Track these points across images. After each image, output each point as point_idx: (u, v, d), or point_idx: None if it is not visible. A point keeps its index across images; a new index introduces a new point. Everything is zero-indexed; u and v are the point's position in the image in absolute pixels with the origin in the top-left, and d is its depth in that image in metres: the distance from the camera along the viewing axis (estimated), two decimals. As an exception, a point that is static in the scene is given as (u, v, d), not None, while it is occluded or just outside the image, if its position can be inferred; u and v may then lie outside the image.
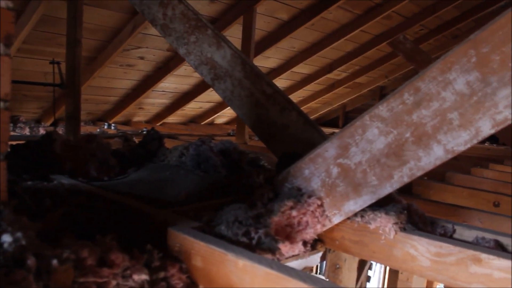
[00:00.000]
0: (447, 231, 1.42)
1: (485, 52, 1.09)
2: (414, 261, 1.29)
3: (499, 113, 1.09)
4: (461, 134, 1.14)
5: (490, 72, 1.09)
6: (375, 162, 1.27)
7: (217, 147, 2.13)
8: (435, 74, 1.16)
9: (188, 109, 5.51)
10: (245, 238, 1.19)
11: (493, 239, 1.35)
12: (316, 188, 1.40)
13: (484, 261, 1.17)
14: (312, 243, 1.41)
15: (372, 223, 1.33)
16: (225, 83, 2.02)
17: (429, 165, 1.19)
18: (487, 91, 1.10)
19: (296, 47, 5.26)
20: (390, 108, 1.23)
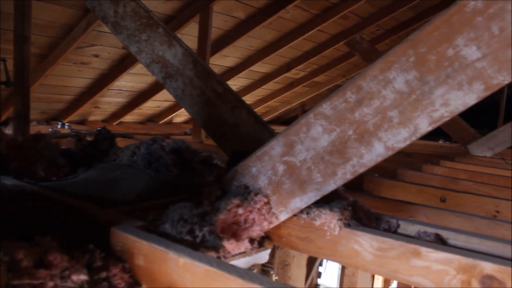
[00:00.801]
0: (391, 226, 1.45)
1: (423, 52, 1.12)
2: (358, 256, 1.31)
3: (435, 111, 1.12)
4: (400, 131, 1.17)
5: (427, 71, 1.12)
6: (320, 160, 1.29)
7: (169, 146, 2.12)
8: (376, 73, 1.19)
9: (146, 108, 5.45)
10: (189, 236, 1.19)
11: (434, 233, 1.39)
12: (263, 185, 1.41)
13: (423, 254, 1.21)
14: (259, 240, 1.42)
15: (317, 220, 1.35)
16: (176, 82, 2.01)
17: (371, 162, 1.22)
18: (424, 90, 1.13)
19: (254, 46, 5.27)
20: (333, 106, 1.25)
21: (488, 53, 1.06)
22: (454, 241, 1.39)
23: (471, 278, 1.15)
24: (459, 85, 1.09)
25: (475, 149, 5.09)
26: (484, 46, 1.06)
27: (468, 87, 1.09)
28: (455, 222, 1.69)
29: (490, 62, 1.06)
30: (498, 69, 1.05)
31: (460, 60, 1.08)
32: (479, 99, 1.09)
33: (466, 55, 1.08)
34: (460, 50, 1.08)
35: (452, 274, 1.17)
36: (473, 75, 1.08)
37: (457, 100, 1.10)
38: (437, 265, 1.19)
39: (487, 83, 1.07)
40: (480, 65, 1.07)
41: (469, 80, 1.08)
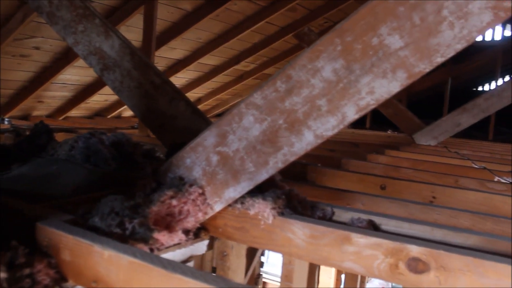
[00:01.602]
0: (326, 214, 1.47)
1: (349, 41, 1.14)
2: (291, 244, 1.33)
3: (362, 99, 1.14)
4: (329, 120, 1.19)
5: (354, 60, 1.14)
6: (252, 149, 1.29)
7: (109, 139, 2.07)
8: (305, 62, 1.20)
9: (93, 102, 5.33)
10: (118, 229, 1.17)
11: (367, 219, 1.42)
12: (197, 176, 1.40)
13: (354, 240, 1.23)
14: (195, 232, 1.41)
15: (251, 209, 1.36)
16: (114, 74, 1.98)
17: (301, 150, 1.23)
18: (351, 78, 1.15)
19: (202, 38, 5.23)
20: (264, 95, 1.26)
21: (410, 42, 1.08)
22: (386, 227, 1.43)
23: (398, 261, 1.18)
24: (384, 73, 1.11)
25: (420, 138, 5.23)
26: (406, 35, 1.08)
27: (392, 75, 1.11)
28: (391, 208, 1.73)
29: (412, 51, 1.08)
30: (420, 58, 1.08)
31: (384, 49, 1.11)
32: (402, 87, 1.12)
33: (390, 44, 1.10)
34: (384, 39, 1.10)
35: (380, 258, 1.20)
36: (397, 63, 1.10)
37: (382, 88, 1.12)
38: (366, 250, 1.22)
39: (410, 71, 1.10)
40: (403, 54, 1.09)
41: (392, 68, 1.11)
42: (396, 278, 1.19)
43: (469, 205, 2.03)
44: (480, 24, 1.03)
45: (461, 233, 1.34)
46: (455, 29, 1.04)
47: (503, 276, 1.07)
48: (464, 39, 1.04)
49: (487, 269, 1.09)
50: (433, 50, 1.07)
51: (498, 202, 2.02)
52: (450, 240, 1.36)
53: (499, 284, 1.08)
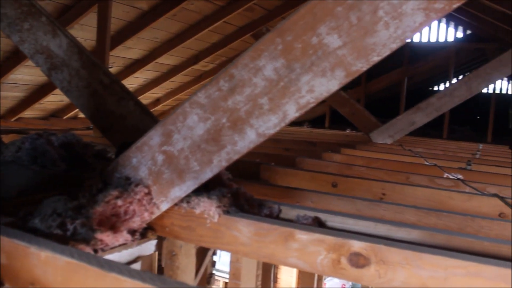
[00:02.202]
0: (273, 211, 1.49)
1: (289, 40, 1.16)
2: (237, 242, 1.33)
3: (302, 97, 1.16)
4: (270, 118, 1.20)
5: (294, 59, 1.16)
6: (196, 148, 1.29)
7: (58, 140, 2.04)
8: (247, 61, 1.21)
9: (48, 102, 5.21)
10: (59, 230, 1.15)
11: (313, 216, 1.44)
12: (144, 176, 1.39)
13: (297, 236, 1.25)
14: (142, 232, 1.40)
15: (197, 208, 1.36)
16: (62, 73, 1.94)
17: (244, 149, 1.24)
18: (291, 77, 1.16)
19: (159, 38, 5.19)
20: (208, 94, 1.26)
21: (348, 41, 1.10)
22: (331, 223, 1.45)
23: (340, 257, 1.20)
24: (323, 72, 1.13)
25: (377, 137, 5.34)
26: (344, 35, 1.10)
27: (331, 74, 1.13)
28: (339, 205, 1.76)
29: (350, 50, 1.11)
30: (357, 57, 1.11)
31: (323, 48, 1.13)
32: (340, 85, 1.14)
33: (329, 43, 1.12)
34: (323, 38, 1.12)
35: (323, 254, 1.22)
36: (335, 62, 1.12)
37: (322, 86, 1.14)
38: (310, 246, 1.23)
39: (348, 70, 1.12)
40: (341, 53, 1.12)
41: (331, 67, 1.13)
42: (338, 273, 1.21)
43: (417, 201, 2.09)
44: (413, 25, 1.06)
45: (403, 228, 1.38)
46: (390, 29, 1.07)
47: (438, 267, 1.11)
48: (398, 39, 1.07)
49: (424, 261, 1.13)
50: (369, 49, 1.09)
51: (444, 197, 2.09)
52: (393, 234, 1.39)
53: (435, 275, 1.11)
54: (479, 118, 8.75)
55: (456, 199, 2.07)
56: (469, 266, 1.09)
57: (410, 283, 1.14)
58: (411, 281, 1.14)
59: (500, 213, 1.98)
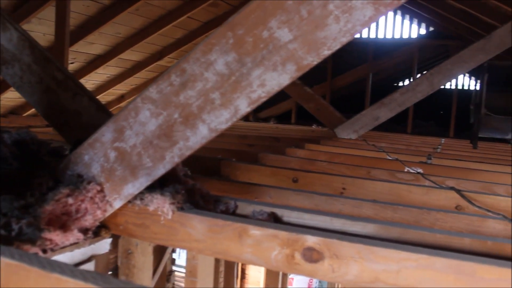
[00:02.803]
0: (229, 207, 1.47)
1: (241, 34, 1.14)
2: (192, 238, 1.32)
3: (253, 92, 1.15)
4: (222, 113, 1.19)
5: (245, 53, 1.15)
6: (149, 144, 1.27)
7: (11, 138, 1.98)
8: (199, 55, 1.19)
9: (6, 99, 5.07)
10: (3, 231, 1.11)
11: (269, 211, 1.43)
12: (96, 173, 1.36)
13: (251, 232, 1.24)
14: (95, 230, 1.37)
15: (150, 205, 1.34)
16: (13, 69, 1.88)
17: (196, 144, 1.23)
18: (243, 71, 1.15)
19: (122, 33, 5.11)
20: (159, 89, 1.24)
21: (299, 35, 1.10)
22: (288, 218, 1.45)
23: (294, 252, 1.20)
24: (274, 66, 1.13)
25: (342, 132, 5.37)
26: (295, 29, 1.10)
27: (282, 68, 1.12)
28: (297, 200, 1.76)
29: (300, 44, 1.10)
30: (308, 51, 1.10)
31: (274, 42, 1.12)
32: (292, 79, 1.13)
33: (280, 37, 1.11)
34: (274, 32, 1.12)
35: (277, 249, 1.21)
36: (286, 56, 1.12)
37: (273, 80, 1.13)
38: (263, 241, 1.23)
39: (299, 64, 1.12)
40: (292, 47, 1.11)
41: (282, 61, 1.12)
42: (292, 268, 1.21)
43: (377, 195, 2.10)
44: (363, 18, 1.06)
45: (358, 222, 1.38)
46: (341, 22, 1.07)
47: (390, 260, 1.12)
48: (349, 33, 1.07)
49: (376, 255, 1.13)
50: (320, 43, 1.09)
51: (403, 191, 2.11)
52: (349, 229, 1.40)
53: (387, 268, 1.12)
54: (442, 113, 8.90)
55: (414, 192, 2.10)
56: (420, 258, 1.10)
57: (363, 276, 1.15)
58: (364, 275, 1.14)
59: (457, 206, 2.01)
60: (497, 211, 1.92)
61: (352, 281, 1.16)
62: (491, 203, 2.01)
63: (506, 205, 2.02)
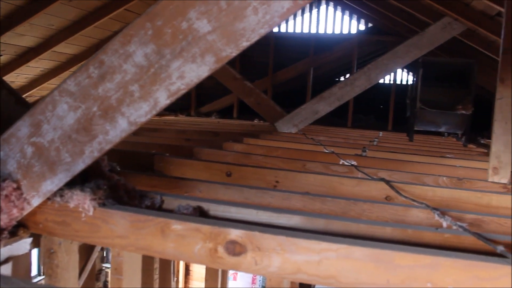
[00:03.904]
0: (155, 202, 1.45)
1: (160, 25, 1.12)
2: (114, 235, 1.28)
3: (173, 84, 1.13)
4: (142, 106, 1.16)
5: (164, 45, 1.12)
6: (67, 139, 1.22)
7: None
8: (117, 47, 1.16)
9: None
10: None
11: (195, 205, 1.41)
12: (12, 170, 1.30)
13: (173, 227, 1.22)
14: (11, 230, 1.31)
15: (71, 202, 1.29)
16: None
17: (116, 138, 1.19)
18: (162, 63, 1.13)
19: (55, 25, 4.93)
20: (77, 82, 1.20)
21: (218, 26, 1.09)
22: (214, 212, 1.44)
23: (217, 245, 1.19)
24: (193, 58, 1.11)
25: (282, 126, 5.41)
26: (214, 20, 1.08)
27: (201, 60, 1.11)
28: (227, 194, 1.75)
29: (219, 35, 1.09)
30: (227, 42, 1.09)
31: (193, 33, 1.10)
32: (211, 71, 1.12)
33: (199, 28, 1.10)
34: (193, 23, 1.10)
35: (200, 243, 1.20)
36: (205, 47, 1.10)
37: (192, 72, 1.12)
38: (186, 236, 1.21)
39: (218, 56, 1.10)
40: (211, 38, 1.10)
41: (201, 52, 1.11)
42: (216, 262, 1.20)
43: (309, 187, 2.13)
44: (281, 10, 1.06)
45: (284, 214, 1.39)
46: (259, 14, 1.06)
47: (312, 251, 1.13)
48: (267, 24, 1.07)
49: (298, 246, 1.14)
50: (239, 34, 1.08)
51: (335, 183, 2.14)
52: (275, 221, 1.40)
53: (309, 259, 1.13)
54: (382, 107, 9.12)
55: (346, 184, 2.14)
56: (339, 248, 1.11)
57: (285, 268, 1.15)
58: (286, 266, 1.15)
59: (387, 196, 2.06)
60: (424, 200, 1.98)
61: (275, 273, 1.16)
62: (418, 193, 2.07)
63: (433, 195, 2.09)
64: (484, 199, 2.06)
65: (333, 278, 1.12)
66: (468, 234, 1.32)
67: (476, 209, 2.02)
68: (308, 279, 1.14)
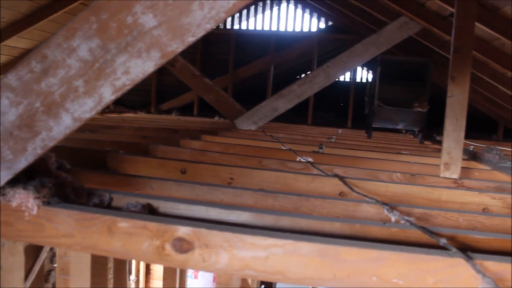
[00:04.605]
0: (104, 200, 1.42)
1: (104, 19, 1.10)
2: (60, 234, 1.25)
3: (118, 79, 1.11)
4: (86, 102, 1.14)
5: (110, 39, 1.10)
6: (8, 136, 1.19)
7: None
8: (61, 41, 1.13)
9: None
10: None
11: (144, 203, 1.40)
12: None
13: (120, 225, 1.20)
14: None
15: (13, 201, 1.25)
16: None
17: (60, 135, 1.17)
18: (107, 58, 1.11)
19: (6, 17, 4.78)
20: (19, 77, 1.16)
21: (164, 21, 1.07)
22: (164, 209, 1.43)
23: (164, 243, 1.18)
24: (138, 53, 1.10)
25: (241, 123, 5.41)
26: (160, 14, 1.07)
27: (146, 55, 1.09)
28: (179, 191, 1.74)
29: (165, 30, 1.08)
30: (173, 37, 1.08)
31: (139, 28, 1.09)
32: (156, 66, 1.11)
33: (144, 22, 1.08)
34: (139, 17, 1.08)
35: (148, 241, 1.19)
36: (151, 42, 1.09)
37: (137, 68, 1.10)
38: (133, 233, 1.19)
39: (163, 51, 1.09)
40: (156, 33, 1.08)
41: (147, 47, 1.09)
42: (163, 260, 1.19)
43: (264, 184, 2.13)
44: (227, 5, 1.05)
45: (234, 211, 1.39)
46: (205, 9, 1.06)
47: (259, 247, 1.13)
48: (213, 19, 1.06)
49: (245, 242, 1.14)
50: (185, 29, 1.07)
51: (290, 179, 2.15)
52: (225, 218, 1.40)
53: (256, 255, 1.13)
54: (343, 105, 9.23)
55: (301, 181, 2.15)
56: (286, 244, 1.12)
57: (233, 265, 1.15)
58: (234, 263, 1.15)
59: (340, 192, 2.09)
60: (377, 196, 2.02)
61: (223, 270, 1.16)
62: (371, 188, 2.11)
63: (386, 190, 2.13)
64: (434, 194, 2.11)
65: (280, 273, 1.12)
66: (414, 228, 1.35)
67: (426, 203, 2.06)
68: (256, 275, 1.14)
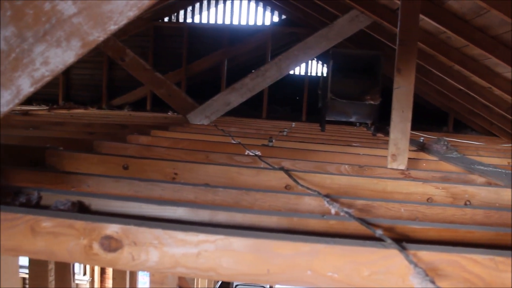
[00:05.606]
0: (32, 199, 1.36)
1: (20, 6, 1.03)
2: (-20, 236, 1.18)
3: (36, 70, 1.05)
4: (3, 94, 1.07)
5: (26, 27, 1.04)
6: None
7: None
8: (-27, 29, 1.06)
9: None
10: None
11: (75, 200, 1.34)
12: None
13: (44, 224, 1.14)
14: None
15: None
16: None
17: (-25, 130, 1.10)
18: (24, 47, 1.04)
19: None
20: None
21: (84, 8, 1.02)
22: (96, 207, 1.37)
23: (92, 242, 1.12)
24: (58, 42, 1.04)
25: (194, 118, 5.35)
26: (80, 1, 1.02)
27: (66, 44, 1.04)
28: (117, 187, 1.68)
29: (86, 18, 1.02)
30: (94, 25, 1.03)
31: (58, 15, 1.03)
32: (77, 56, 1.05)
33: (63, 10, 1.03)
34: (57, 4, 1.02)
35: (74, 240, 1.13)
36: (71, 31, 1.03)
37: (57, 58, 1.04)
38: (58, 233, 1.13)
39: (84, 40, 1.04)
40: (76, 21, 1.03)
41: (67, 36, 1.03)
42: (91, 259, 1.13)
43: (209, 179, 2.09)
44: (150, -8, 1.01)
45: (169, 207, 1.35)
46: (127, -5, 1.01)
47: (190, 244, 1.09)
48: (135, 6, 1.01)
49: (175, 239, 1.10)
50: (106, 17, 1.02)
51: (234, 173, 2.12)
52: (160, 214, 1.35)
53: (187, 252, 1.09)
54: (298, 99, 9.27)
55: (245, 174, 2.12)
56: (217, 239, 1.08)
57: (164, 262, 1.11)
58: (164, 261, 1.10)
59: (286, 185, 2.07)
60: (323, 188, 2.01)
61: (154, 268, 1.12)
62: (317, 181, 2.10)
63: (331, 182, 2.13)
64: (380, 185, 2.11)
65: (213, 270, 1.09)
66: (353, 220, 1.34)
67: (372, 195, 2.07)
68: (187, 273, 1.10)
